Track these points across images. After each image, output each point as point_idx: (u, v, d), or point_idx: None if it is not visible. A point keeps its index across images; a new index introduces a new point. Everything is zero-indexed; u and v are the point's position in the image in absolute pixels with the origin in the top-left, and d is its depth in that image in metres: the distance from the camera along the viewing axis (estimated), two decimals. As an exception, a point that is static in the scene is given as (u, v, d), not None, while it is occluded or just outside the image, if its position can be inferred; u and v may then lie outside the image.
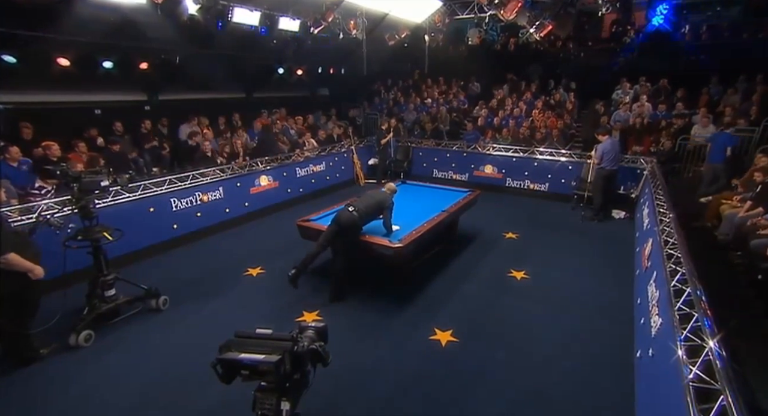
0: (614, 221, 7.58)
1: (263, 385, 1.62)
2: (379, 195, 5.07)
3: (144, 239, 6.00)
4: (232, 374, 1.58)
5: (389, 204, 4.98)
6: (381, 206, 4.91)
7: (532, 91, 11.90)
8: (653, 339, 3.14)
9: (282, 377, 1.50)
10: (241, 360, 1.52)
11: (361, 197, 4.96)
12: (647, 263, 4.46)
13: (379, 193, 5.14)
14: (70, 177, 3.92)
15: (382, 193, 5.16)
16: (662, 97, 10.33)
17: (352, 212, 4.64)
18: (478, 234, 6.83)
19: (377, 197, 5.02)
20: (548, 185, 8.92)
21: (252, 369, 1.54)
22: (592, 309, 4.63)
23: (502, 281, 5.31)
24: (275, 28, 7.03)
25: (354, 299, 4.87)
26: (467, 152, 9.82)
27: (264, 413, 1.59)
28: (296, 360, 1.51)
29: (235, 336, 1.62)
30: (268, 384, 1.60)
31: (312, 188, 8.79)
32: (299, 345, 1.52)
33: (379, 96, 13.90)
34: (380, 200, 4.96)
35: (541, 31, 8.46)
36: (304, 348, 1.53)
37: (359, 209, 4.68)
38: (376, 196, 5.03)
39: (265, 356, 1.49)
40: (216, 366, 1.55)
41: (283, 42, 8.74)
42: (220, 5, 5.99)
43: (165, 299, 4.75)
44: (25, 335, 3.68)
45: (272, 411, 1.58)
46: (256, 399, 1.62)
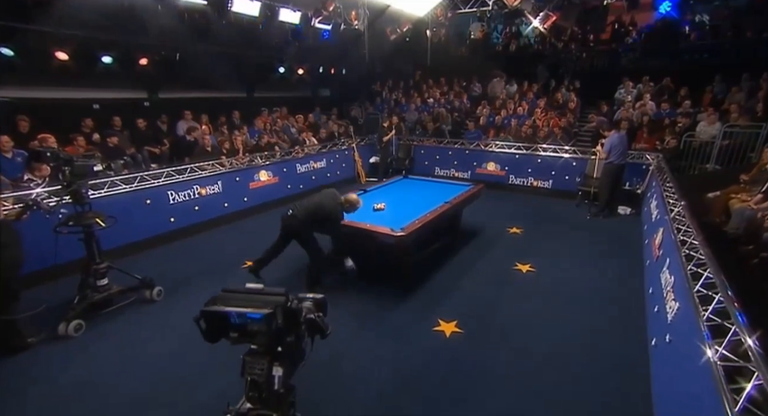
0: (620, 217, 7.43)
1: (253, 348, 1.47)
2: (326, 200, 4.40)
3: (140, 232, 5.86)
4: (217, 332, 1.43)
5: (335, 216, 4.33)
6: (321, 212, 4.29)
7: (534, 92, 11.83)
8: (670, 325, 3.00)
9: (273, 334, 1.35)
10: (227, 313, 1.37)
11: (308, 202, 4.44)
12: (658, 253, 4.32)
13: (328, 198, 4.44)
14: (61, 159, 3.79)
15: (332, 199, 4.42)
16: (666, 96, 10.24)
17: (291, 214, 4.32)
18: (481, 230, 6.69)
19: (322, 201, 4.36)
20: (552, 182, 8.79)
21: (241, 330, 1.40)
22: (600, 300, 4.48)
23: (507, 274, 5.16)
24: (275, 20, 6.95)
25: (354, 290, 4.72)
26: (469, 150, 9.71)
27: (254, 378, 1.44)
28: (290, 317, 1.36)
29: (223, 291, 1.48)
30: (258, 346, 1.46)
31: (312, 185, 8.66)
32: (293, 302, 1.37)
33: (380, 96, 13.85)
34: (322, 205, 4.33)
35: (546, 21, 8.38)
36: (299, 306, 1.38)
37: (298, 211, 4.32)
38: (321, 200, 4.38)
39: (254, 309, 1.34)
40: (199, 320, 1.40)
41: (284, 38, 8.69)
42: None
43: (159, 290, 4.60)
44: (10, 321, 3.53)
45: (263, 375, 1.43)
46: (245, 364, 1.47)
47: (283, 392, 1.42)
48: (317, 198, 4.45)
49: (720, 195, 6.81)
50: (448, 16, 9.97)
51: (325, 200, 4.43)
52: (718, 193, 6.97)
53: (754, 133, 8.05)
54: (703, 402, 2.02)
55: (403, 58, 13.05)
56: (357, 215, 5.00)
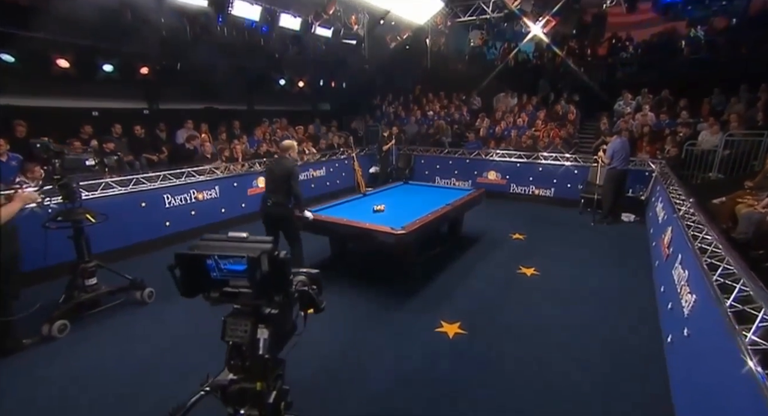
0: (624, 224, 7.30)
1: (236, 308, 1.32)
2: (281, 165, 4.58)
3: (134, 235, 5.72)
4: (194, 286, 1.28)
5: (296, 171, 4.54)
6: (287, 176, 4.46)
7: (533, 104, 11.88)
8: (686, 319, 2.84)
9: (258, 284, 1.20)
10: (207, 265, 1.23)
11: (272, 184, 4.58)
12: (668, 251, 4.18)
13: (279, 164, 4.62)
14: (52, 152, 3.68)
15: (283, 161, 4.62)
16: (665, 108, 10.27)
17: (274, 202, 4.46)
18: (484, 235, 6.54)
19: (281, 169, 4.52)
20: (554, 190, 8.69)
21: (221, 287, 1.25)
22: (608, 302, 4.31)
23: (511, 277, 4.99)
24: (276, 26, 7.00)
25: (354, 291, 4.57)
26: (470, 159, 9.66)
27: (235, 341, 1.28)
28: (277, 268, 1.22)
29: (202, 239, 1.33)
30: (242, 306, 1.31)
31: (311, 194, 8.53)
32: (281, 252, 1.23)
33: (380, 109, 13.92)
34: (284, 171, 4.49)
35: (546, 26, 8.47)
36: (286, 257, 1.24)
37: (276, 196, 4.47)
38: (279, 170, 4.52)
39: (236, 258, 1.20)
40: (174, 268, 1.25)
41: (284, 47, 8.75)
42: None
43: (151, 292, 4.43)
44: (6, 322, 3.34)
45: (246, 338, 1.27)
46: (225, 326, 1.31)
47: (268, 358, 1.26)
48: (277, 172, 4.55)
49: (726, 201, 6.69)
50: (447, 25, 10.09)
51: (280, 167, 4.57)
52: (723, 199, 6.86)
53: (756, 141, 8.01)
54: (732, 391, 1.86)
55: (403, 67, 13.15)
56: (357, 215, 4.92)
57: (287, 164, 4.62)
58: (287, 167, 4.58)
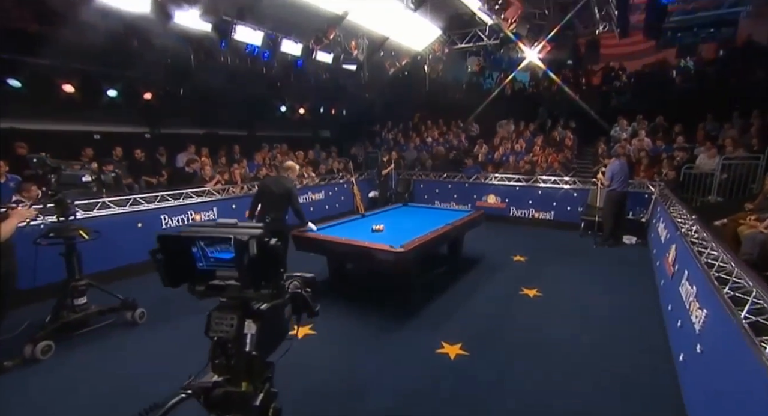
0: (626, 246, 7.21)
1: (223, 301, 1.24)
2: (279, 184, 4.71)
3: (128, 256, 5.60)
4: (179, 275, 1.19)
5: (294, 191, 4.75)
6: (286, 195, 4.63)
7: (530, 130, 12.05)
8: (699, 335, 2.72)
9: (246, 270, 1.12)
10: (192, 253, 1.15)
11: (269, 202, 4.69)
12: (673, 269, 4.08)
13: (278, 183, 4.76)
14: (48, 167, 3.66)
15: (282, 180, 4.79)
16: (660, 133, 10.41)
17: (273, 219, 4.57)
18: (484, 257, 6.44)
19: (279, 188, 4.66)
20: (554, 213, 8.65)
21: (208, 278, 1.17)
22: (614, 323, 4.17)
23: (513, 298, 4.86)
24: (277, 51, 7.19)
25: (353, 313, 4.43)
26: (469, 183, 9.67)
27: (220, 336, 1.19)
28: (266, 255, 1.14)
29: (188, 226, 1.26)
30: (229, 298, 1.22)
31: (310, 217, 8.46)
32: (272, 240, 1.16)
33: (380, 136, 14.11)
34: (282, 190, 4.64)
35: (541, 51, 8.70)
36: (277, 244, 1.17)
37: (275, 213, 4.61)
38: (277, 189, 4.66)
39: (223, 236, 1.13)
40: (156, 252, 1.17)
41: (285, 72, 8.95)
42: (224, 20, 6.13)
43: (142, 312, 4.28)
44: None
45: (232, 333, 1.17)
46: (210, 320, 1.21)
47: (255, 355, 1.16)
48: (276, 190, 4.65)
49: (728, 223, 6.63)
50: (445, 52, 10.38)
51: (278, 186, 4.68)
52: (725, 221, 6.80)
53: (753, 165, 8.05)
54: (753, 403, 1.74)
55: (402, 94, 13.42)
56: (355, 235, 4.86)
57: (286, 184, 4.71)
58: (286, 186, 4.69)
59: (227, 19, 6.15)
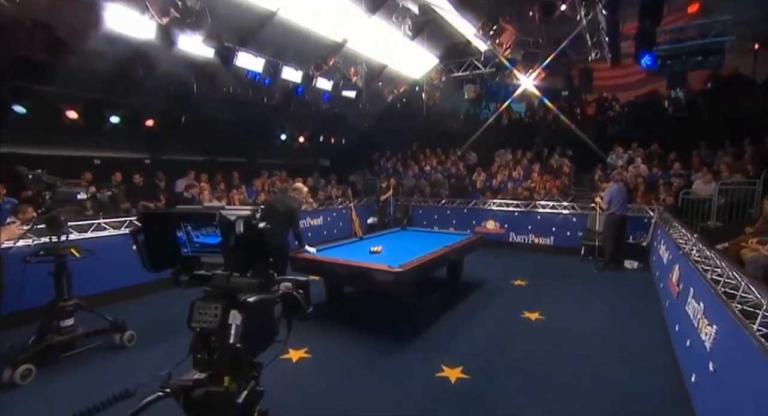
0: (627, 271, 7.10)
1: (207, 290, 1.16)
2: (283, 203, 4.79)
3: (122, 279, 5.48)
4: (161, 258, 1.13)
5: (297, 210, 4.79)
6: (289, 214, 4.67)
7: (527, 158, 12.18)
8: (710, 353, 2.60)
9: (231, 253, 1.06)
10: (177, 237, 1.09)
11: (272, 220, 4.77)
12: (678, 289, 3.99)
13: (282, 202, 4.85)
14: (43, 183, 3.63)
15: (286, 199, 4.90)
16: (656, 160, 10.53)
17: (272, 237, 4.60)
18: (484, 282, 6.32)
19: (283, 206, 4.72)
20: (553, 238, 8.58)
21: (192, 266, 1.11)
22: (620, 346, 4.03)
23: (515, 321, 4.71)
24: (278, 78, 7.37)
25: (349, 336, 4.29)
26: (468, 209, 9.66)
27: (203, 327, 1.11)
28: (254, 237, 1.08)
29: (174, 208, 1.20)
30: (213, 287, 1.15)
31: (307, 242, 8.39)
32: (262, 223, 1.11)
33: (378, 164, 14.24)
34: (285, 208, 4.69)
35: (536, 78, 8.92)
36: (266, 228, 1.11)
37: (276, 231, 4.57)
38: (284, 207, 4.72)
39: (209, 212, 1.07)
40: (137, 233, 1.11)
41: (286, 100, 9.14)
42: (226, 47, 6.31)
43: (131, 335, 4.13)
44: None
45: (215, 323, 1.09)
46: (193, 310, 1.14)
47: (240, 347, 1.08)
48: (280, 209, 4.70)
49: (729, 246, 6.55)
50: (442, 80, 10.65)
51: (283, 205, 4.75)
52: (726, 244, 6.74)
53: (750, 190, 8.07)
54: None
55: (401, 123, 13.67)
56: (353, 256, 4.80)
57: (291, 204, 4.77)
58: (290, 206, 4.74)
59: (229, 45, 6.34)
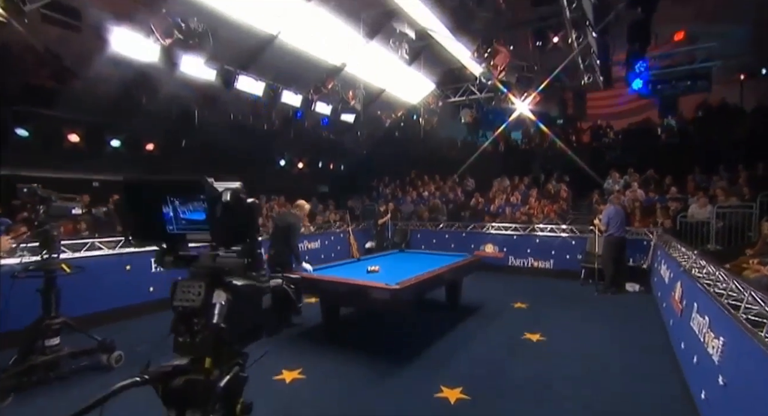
0: (629, 294, 6.98)
1: (192, 271, 1.11)
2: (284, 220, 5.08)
3: (114, 299, 5.36)
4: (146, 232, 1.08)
5: (297, 225, 5.05)
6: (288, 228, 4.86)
7: (525, 184, 12.27)
8: (719, 366, 2.51)
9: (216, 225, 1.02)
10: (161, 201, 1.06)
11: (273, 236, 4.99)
12: (681, 306, 3.90)
13: (283, 219, 5.16)
14: (38, 197, 3.60)
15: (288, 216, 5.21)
16: (652, 185, 10.60)
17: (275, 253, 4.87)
18: (484, 305, 6.19)
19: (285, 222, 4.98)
20: (553, 261, 8.49)
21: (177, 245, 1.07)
22: (624, 366, 3.91)
23: (516, 342, 4.58)
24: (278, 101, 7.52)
25: (345, 357, 4.15)
26: (466, 233, 9.61)
27: (185, 306, 1.05)
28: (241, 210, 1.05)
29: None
30: (198, 267, 1.10)
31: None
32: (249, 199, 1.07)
33: (377, 191, 14.31)
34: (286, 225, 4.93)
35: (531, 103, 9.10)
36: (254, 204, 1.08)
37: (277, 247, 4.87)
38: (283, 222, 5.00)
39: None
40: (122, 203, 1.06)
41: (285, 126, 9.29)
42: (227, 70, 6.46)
43: (119, 355, 3.99)
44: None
45: (198, 301, 1.04)
46: (176, 288, 1.08)
47: (224, 328, 1.02)
48: (279, 224, 5.00)
49: (731, 268, 6.49)
50: (439, 105, 10.88)
51: (282, 220, 5.08)
52: (727, 266, 6.67)
53: (747, 213, 8.09)
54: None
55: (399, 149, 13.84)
56: (350, 275, 4.74)
57: (289, 219, 5.04)
58: (289, 221, 4.98)
59: (230, 68, 6.51)
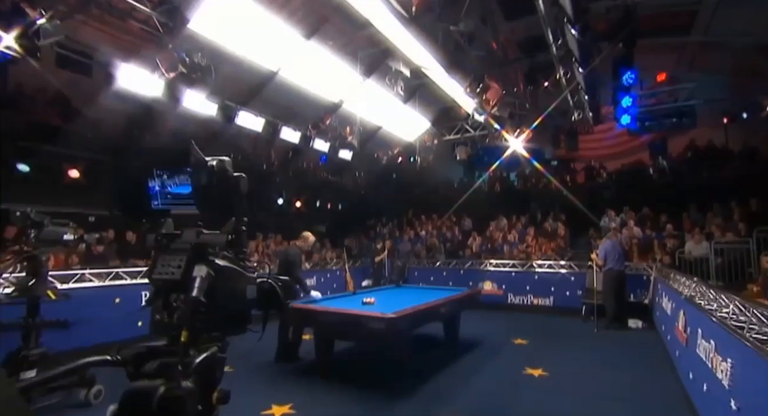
0: (631, 330, 6.77)
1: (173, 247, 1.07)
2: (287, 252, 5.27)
3: (101, 334, 5.14)
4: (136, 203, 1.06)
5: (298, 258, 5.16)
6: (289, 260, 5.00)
7: (522, 223, 12.30)
8: (730, 391, 2.40)
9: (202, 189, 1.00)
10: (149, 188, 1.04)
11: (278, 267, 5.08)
12: (686, 334, 3.78)
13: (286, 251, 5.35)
14: (30, 221, 3.57)
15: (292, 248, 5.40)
16: (648, 223, 10.64)
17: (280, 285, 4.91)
18: (483, 341, 5.98)
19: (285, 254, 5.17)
20: (553, 298, 8.31)
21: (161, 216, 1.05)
22: (632, 400, 3.73)
23: (517, 378, 4.38)
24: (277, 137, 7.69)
25: (339, 393, 3.94)
26: (464, 270, 9.49)
27: (165, 279, 1.01)
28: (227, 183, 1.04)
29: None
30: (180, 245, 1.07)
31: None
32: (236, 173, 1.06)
33: (374, 230, 14.28)
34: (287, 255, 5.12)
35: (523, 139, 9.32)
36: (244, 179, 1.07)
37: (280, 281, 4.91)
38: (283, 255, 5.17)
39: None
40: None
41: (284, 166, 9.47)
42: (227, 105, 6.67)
43: (99, 390, 3.77)
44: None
45: (178, 274, 0.99)
46: (156, 262, 1.04)
47: (203, 301, 0.97)
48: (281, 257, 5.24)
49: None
50: (434, 143, 11.13)
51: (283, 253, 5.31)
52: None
53: (744, 249, 8.06)
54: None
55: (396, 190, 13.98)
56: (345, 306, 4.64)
57: (291, 251, 5.20)
58: (290, 252, 5.15)
59: (231, 104, 6.73)
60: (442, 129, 11.22)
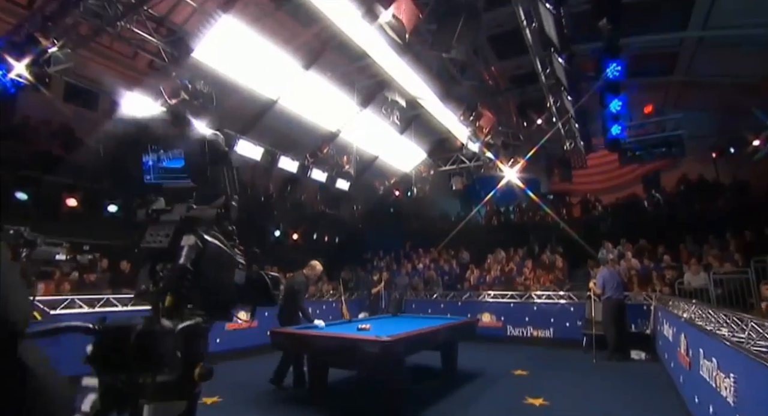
0: (634, 362, 6.58)
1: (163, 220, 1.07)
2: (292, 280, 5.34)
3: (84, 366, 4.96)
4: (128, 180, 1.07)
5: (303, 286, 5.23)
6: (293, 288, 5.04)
7: (519, 256, 12.24)
8: (735, 407, 2.34)
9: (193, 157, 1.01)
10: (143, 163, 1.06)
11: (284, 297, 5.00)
12: (688, 358, 3.68)
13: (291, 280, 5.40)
14: (23, 239, 3.53)
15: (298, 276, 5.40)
16: (646, 254, 10.62)
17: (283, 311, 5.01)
18: (483, 372, 5.79)
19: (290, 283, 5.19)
20: (552, 329, 8.13)
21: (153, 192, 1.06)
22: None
23: (518, 407, 4.23)
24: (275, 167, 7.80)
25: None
26: (462, 302, 9.34)
27: (152, 247, 1.00)
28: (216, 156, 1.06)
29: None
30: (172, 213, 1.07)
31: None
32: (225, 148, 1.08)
33: (371, 263, 14.16)
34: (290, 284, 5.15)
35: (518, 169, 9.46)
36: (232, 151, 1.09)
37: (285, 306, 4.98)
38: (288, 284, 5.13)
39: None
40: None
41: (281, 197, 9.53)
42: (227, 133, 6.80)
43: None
44: None
45: (166, 242, 0.99)
46: (144, 233, 1.04)
47: (190, 269, 0.96)
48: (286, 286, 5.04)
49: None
50: (431, 173, 11.27)
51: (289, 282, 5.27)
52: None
53: (743, 279, 8.01)
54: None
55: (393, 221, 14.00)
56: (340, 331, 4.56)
57: (296, 280, 5.28)
58: (295, 281, 5.24)
59: (230, 132, 6.89)
60: (438, 160, 11.43)
